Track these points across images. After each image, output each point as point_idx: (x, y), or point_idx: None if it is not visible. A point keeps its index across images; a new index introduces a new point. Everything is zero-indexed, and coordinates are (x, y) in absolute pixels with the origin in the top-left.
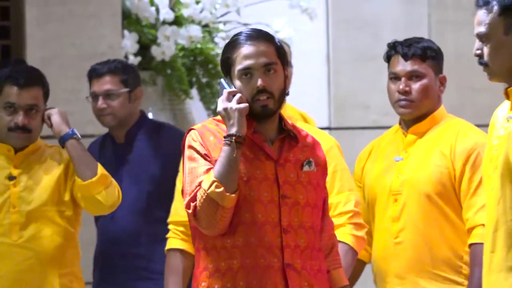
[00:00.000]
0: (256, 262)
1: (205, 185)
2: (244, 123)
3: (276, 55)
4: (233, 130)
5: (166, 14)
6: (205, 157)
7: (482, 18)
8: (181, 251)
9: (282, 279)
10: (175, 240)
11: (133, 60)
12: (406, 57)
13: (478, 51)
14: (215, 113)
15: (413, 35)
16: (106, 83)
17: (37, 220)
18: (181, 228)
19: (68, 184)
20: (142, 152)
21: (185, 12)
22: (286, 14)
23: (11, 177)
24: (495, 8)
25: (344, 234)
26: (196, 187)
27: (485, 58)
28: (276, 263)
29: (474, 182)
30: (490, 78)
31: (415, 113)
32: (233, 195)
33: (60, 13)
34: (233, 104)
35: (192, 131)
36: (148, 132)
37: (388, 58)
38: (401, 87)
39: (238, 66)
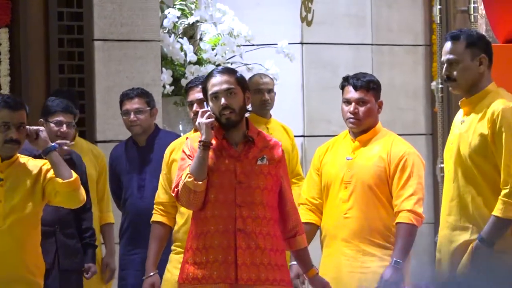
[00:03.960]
0: (217, 228)
1: (183, 177)
2: (210, 133)
3: (236, 83)
4: (202, 138)
5: (191, 57)
6: (189, 157)
7: (452, 48)
8: (159, 222)
9: (235, 239)
10: (156, 215)
11: (169, 88)
12: (355, 88)
13: (447, 72)
14: None
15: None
16: (136, 103)
17: (17, 212)
18: (160, 207)
19: (40, 184)
20: (158, 152)
21: (204, 56)
22: (274, 57)
23: None
24: (463, 42)
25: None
26: (179, 177)
27: (454, 76)
28: (230, 228)
29: (402, 179)
30: (453, 90)
31: (361, 127)
32: (201, 182)
33: (118, 55)
34: (203, 119)
35: (187, 139)
36: (161, 138)
37: (342, 87)
38: (351, 109)
39: (209, 92)
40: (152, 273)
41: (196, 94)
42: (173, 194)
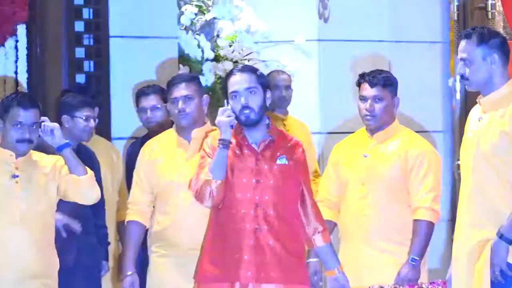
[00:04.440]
0: (235, 226)
1: (202, 175)
2: (229, 131)
3: (256, 81)
4: (222, 136)
5: (208, 53)
6: (208, 155)
7: (465, 47)
8: (136, 222)
9: (252, 237)
10: (132, 214)
11: None
12: (371, 85)
13: (461, 71)
14: None
15: None
16: (152, 100)
17: (33, 208)
18: (137, 206)
19: (55, 181)
20: None
21: (222, 52)
22: (291, 53)
23: (14, 175)
24: (475, 40)
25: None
26: (199, 175)
27: (467, 75)
28: (248, 227)
29: (419, 176)
30: (468, 89)
31: (377, 125)
32: (219, 181)
33: (135, 52)
34: (222, 118)
35: (208, 137)
36: None
37: (358, 84)
38: (367, 106)
39: (229, 90)
40: (131, 272)
41: (182, 90)
42: (192, 192)
